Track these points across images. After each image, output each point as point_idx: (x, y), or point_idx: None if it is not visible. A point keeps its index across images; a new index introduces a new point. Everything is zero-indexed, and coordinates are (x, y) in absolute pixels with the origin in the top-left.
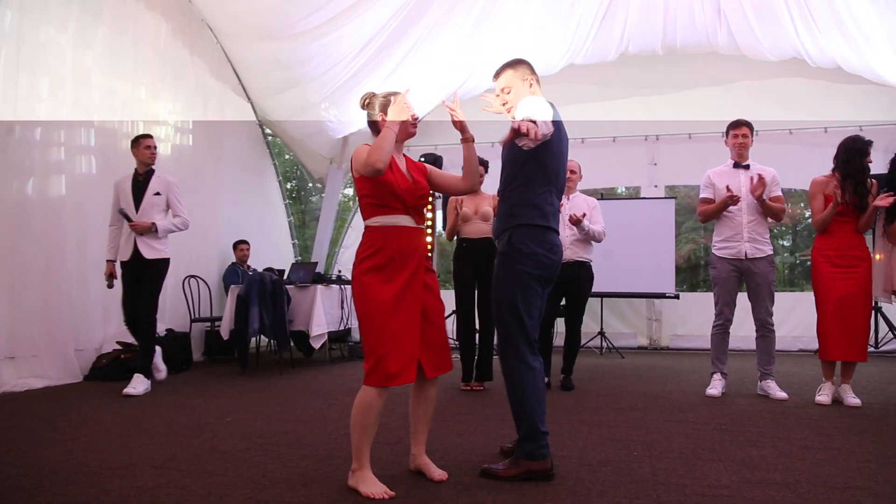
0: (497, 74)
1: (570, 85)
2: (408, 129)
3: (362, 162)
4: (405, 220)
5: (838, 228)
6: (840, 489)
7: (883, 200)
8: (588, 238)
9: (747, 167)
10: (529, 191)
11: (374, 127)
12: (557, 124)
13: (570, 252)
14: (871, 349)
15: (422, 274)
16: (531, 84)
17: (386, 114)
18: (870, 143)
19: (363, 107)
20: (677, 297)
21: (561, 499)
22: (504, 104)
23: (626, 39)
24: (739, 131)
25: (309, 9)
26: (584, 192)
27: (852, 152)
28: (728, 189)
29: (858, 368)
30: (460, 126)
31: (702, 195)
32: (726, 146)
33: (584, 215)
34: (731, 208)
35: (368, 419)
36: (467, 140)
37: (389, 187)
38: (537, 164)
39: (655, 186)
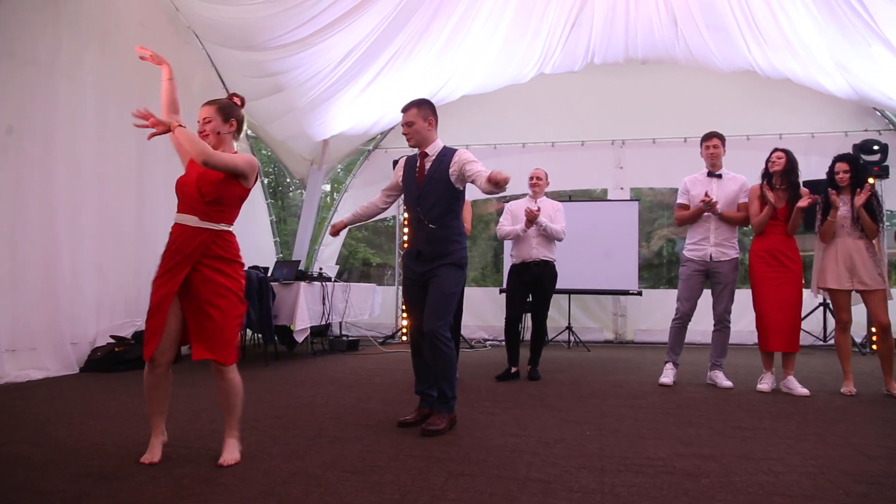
0: (404, 110)
1: (541, 92)
2: None
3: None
4: (180, 217)
5: (771, 231)
6: (757, 460)
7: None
8: (548, 235)
9: (720, 176)
10: (461, 222)
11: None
12: None
13: (536, 252)
14: (819, 343)
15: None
16: (430, 123)
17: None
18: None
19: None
20: (640, 293)
21: (518, 469)
22: (406, 134)
23: (591, 51)
24: (710, 143)
25: (295, 23)
26: (554, 193)
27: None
28: (706, 195)
29: (804, 360)
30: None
31: (678, 201)
32: (701, 157)
33: (539, 210)
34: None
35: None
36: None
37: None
38: (461, 200)
39: (621, 188)
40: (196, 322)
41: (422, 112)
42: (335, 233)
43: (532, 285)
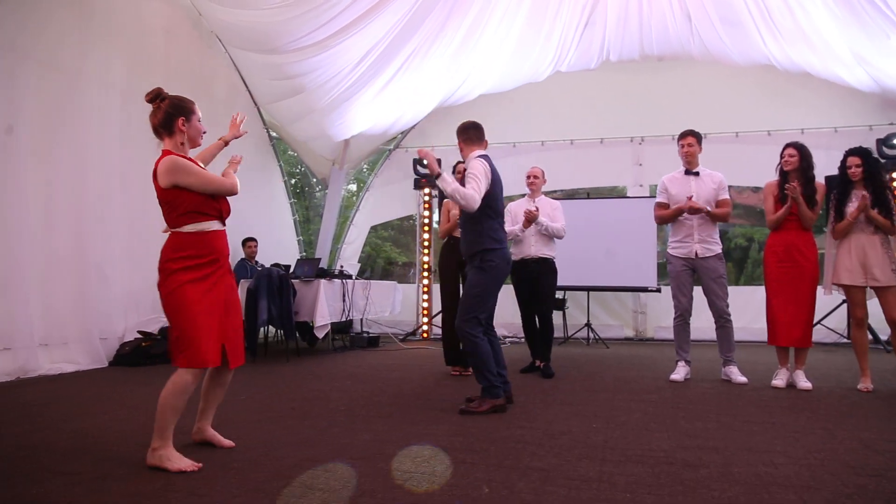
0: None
1: (559, 90)
2: (197, 139)
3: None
4: (217, 225)
5: (786, 226)
6: (760, 452)
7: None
8: (548, 234)
9: (697, 174)
10: (488, 225)
11: (168, 124)
12: (494, 177)
13: (535, 249)
14: (844, 340)
15: (227, 274)
16: (460, 144)
17: (185, 118)
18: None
19: (151, 101)
20: (659, 290)
21: (521, 458)
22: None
23: (606, 49)
24: (685, 141)
25: (312, 26)
26: (573, 190)
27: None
28: (689, 198)
29: (824, 357)
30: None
31: (657, 199)
32: (680, 154)
33: (538, 209)
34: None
35: (180, 402)
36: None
37: (208, 196)
38: (489, 206)
39: (640, 186)
40: (234, 326)
41: (459, 138)
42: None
43: (531, 282)
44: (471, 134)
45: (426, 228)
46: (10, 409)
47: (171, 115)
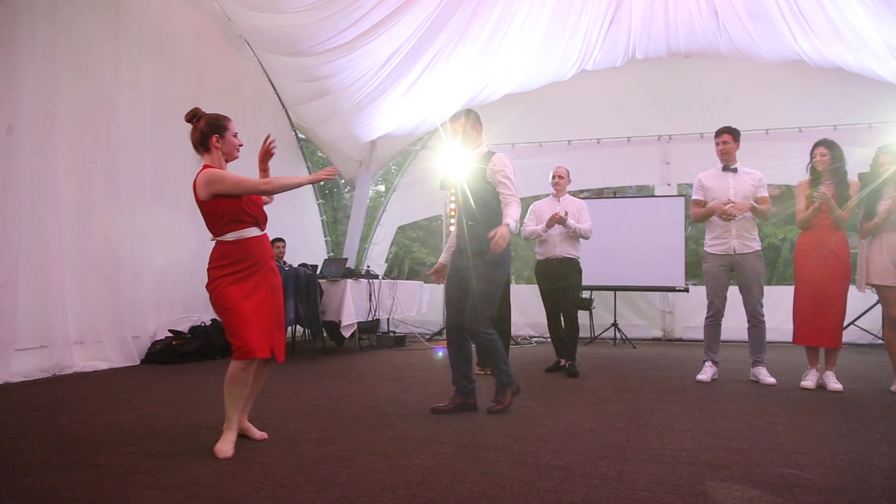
0: (454, 119)
1: (585, 89)
2: (233, 153)
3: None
4: (255, 231)
5: (817, 224)
6: (786, 453)
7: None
8: (575, 235)
9: (735, 170)
10: (499, 219)
11: (204, 142)
12: None
13: (560, 249)
14: (878, 341)
15: (269, 274)
16: (478, 131)
17: (219, 135)
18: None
19: (189, 121)
20: (687, 290)
21: (541, 457)
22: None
23: (632, 46)
24: (721, 139)
25: (337, 28)
26: (600, 190)
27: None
28: (728, 202)
29: (858, 358)
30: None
31: (694, 197)
32: (716, 151)
33: (567, 213)
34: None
35: (235, 389)
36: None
37: (242, 205)
38: (499, 200)
39: (668, 185)
40: (277, 324)
41: (470, 121)
42: (439, 278)
43: (556, 281)
44: (481, 124)
45: (452, 229)
46: (45, 404)
47: (205, 133)
